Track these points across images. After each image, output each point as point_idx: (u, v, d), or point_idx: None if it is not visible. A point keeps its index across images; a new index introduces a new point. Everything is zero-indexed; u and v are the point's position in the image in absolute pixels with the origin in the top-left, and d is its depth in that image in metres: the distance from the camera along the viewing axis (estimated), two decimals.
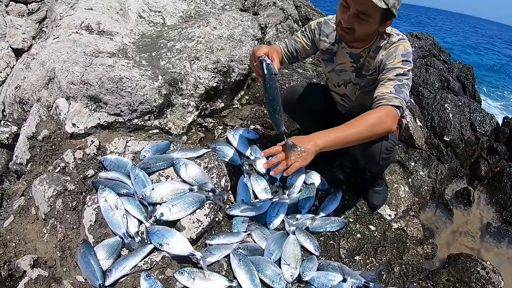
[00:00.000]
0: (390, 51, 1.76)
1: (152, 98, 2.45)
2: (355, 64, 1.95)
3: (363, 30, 1.72)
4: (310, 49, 2.12)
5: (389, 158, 1.93)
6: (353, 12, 1.64)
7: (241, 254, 1.82)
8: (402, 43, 1.76)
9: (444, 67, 4.40)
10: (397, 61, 1.72)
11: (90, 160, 2.19)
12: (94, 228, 1.88)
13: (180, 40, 2.90)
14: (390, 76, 1.70)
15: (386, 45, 1.79)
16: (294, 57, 2.17)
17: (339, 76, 2.08)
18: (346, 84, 2.08)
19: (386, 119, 1.62)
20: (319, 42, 2.06)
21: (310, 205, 2.22)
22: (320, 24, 2.05)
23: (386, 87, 1.68)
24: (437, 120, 3.53)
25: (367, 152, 1.84)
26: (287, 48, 2.13)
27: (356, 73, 1.98)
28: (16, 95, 2.79)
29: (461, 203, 3.23)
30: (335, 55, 2.02)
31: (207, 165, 2.16)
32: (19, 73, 2.93)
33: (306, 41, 2.09)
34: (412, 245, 2.25)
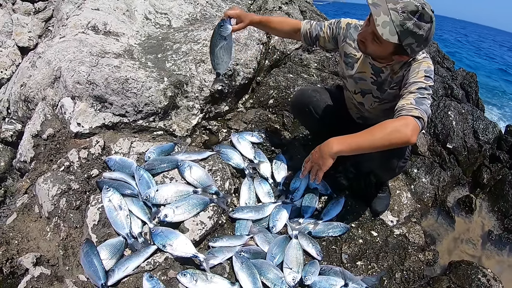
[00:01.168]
0: (413, 66, 1.76)
1: (157, 100, 2.47)
2: (375, 77, 1.94)
3: (374, 49, 1.73)
4: (329, 43, 2.09)
5: (405, 166, 1.94)
6: (369, 31, 1.66)
7: (243, 257, 1.83)
8: (426, 60, 1.76)
9: (448, 74, 4.42)
10: (420, 76, 1.71)
11: (95, 160, 2.20)
12: (97, 227, 1.89)
13: (186, 42, 2.92)
14: (412, 89, 1.68)
15: (410, 62, 1.79)
16: (312, 41, 2.14)
17: (356, 84, 2.05)
18: (364, 93, 2.05)
19: (405, 129, 1.57)
20: (343, 44, 2.03)
21: (313, 209, 2.24)
22: (350, 26, 2.01)
23: (407, 99, 1.66)
24: (440, 127, 3.53)
25: (386, 159, 1.85)
26: (310, 29, 2.10)
27: (377, 86, 1.96)
28: (21, 93, 2.81)
29: (463, 210, 3.22)
30: (356, 62, 2.00)
31: (212, 167, 2.18)
32: (24, 71, 2.95)
33: (330, 34, 2.06)
34: (414, 251, 2.25)
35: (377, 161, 1.95)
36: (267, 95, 3.04)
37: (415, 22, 1.55)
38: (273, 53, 3.33)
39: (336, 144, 1.65)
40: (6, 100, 3.12)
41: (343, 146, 1.64)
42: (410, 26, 1.55)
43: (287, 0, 3.79)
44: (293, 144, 2.69)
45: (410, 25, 1.55)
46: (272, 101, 3.01)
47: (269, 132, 2.74)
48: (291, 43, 3.41)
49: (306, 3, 4.43)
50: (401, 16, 1.54)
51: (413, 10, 1.53)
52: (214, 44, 1.92)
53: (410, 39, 1.58)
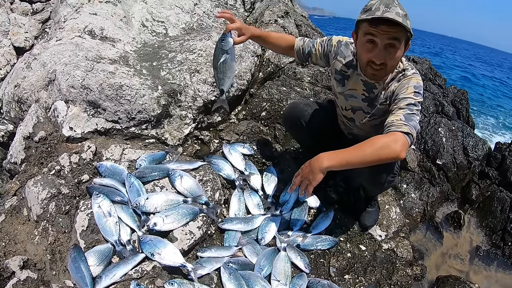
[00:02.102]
0: (403, 82, 1.79)
1: (150, 108, 2.48)
2: (367, 93, 1.95)
3: (393, 62, 1.75)
4: (321, 60, 2.13)
5: (394, 181, 1.96)
6: (383, 44, 1.67)
7: (231, 268, 1.84)
8: (415, 76, 1.79)
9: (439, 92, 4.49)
10: (409, 91, 1.73)
11: (86, 165, 2.20)
12: (86, 233, 1.88)
13: (182, 51, 2.94)
14: (401, 105, 1.71)
15: (400, 77, 1.82)
16: (305, 57, 2.18)
17: (347, 101, 2.07)
18: (354, 110, 2.07)
19: (395, 145, 1.59)
20: (334, 61, 2.05)
21: (302, 222, 2.25)
22: (341, 43, 2.04)
23: (396, 115, 1.69)
24: (431, 143, 3.59)
25: (375, 173, 1.87)
26: (303, 46, 2.14)
27: (368, 103, 1.98)
28: (15, 93, 2.79)
29: (451, 226, 3.26)
30: (347, 79, 2.01)
31: (202, 178, 2.18)
32: (19, 72, 2.93)
33: (321, 52, 2.09)
34: (402, 266, 2.27)
35: (366, 176, 1.98)
36: (260, 107, 3.06)
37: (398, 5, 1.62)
38: (267, 65, 3.36)
39: (326, 160, 1.67)
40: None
41: (333, 162, 1.66)
42: (401, 11, 1.61)
43: (283, 14, 3.82)
44: (284, 157, 2.71)
45: (400, 10, 1.61)
46: (265, 113, 3.03)
47: (261, 144, 2.75)
48: (285, 57, 3.44)
49: (301, 17, 4.48)
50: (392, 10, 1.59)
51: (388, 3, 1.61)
52: (216, 59, 1.90)
53: (408, 21, 1.64)
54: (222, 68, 1.90)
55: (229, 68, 1.91)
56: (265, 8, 3.93)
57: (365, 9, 1.70)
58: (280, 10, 3.86)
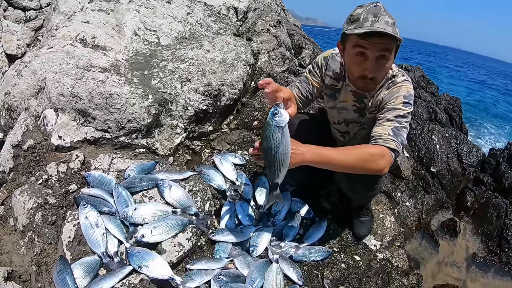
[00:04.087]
0: (392, 90, 1.72)
1: (141, 117, 2.43)
2: (357, 104, 1.89)
3: (383, 73, 1.69)
4: (321, 87, 2.03)
5: (375, 190, 1.90)
6: (374, 57, 1.60)
7: (222, 280, 1.77)
8: (405, 84, 1.72)
9: (432, 99, 4.47)
10: (399, 102, 1.67)
11: (74, 175, 2.14)
12: (72, 245, 1.82)
13: (173, 60, 2.90)
14: (390, 117, 1.65)
15: (389, 84, 1.75)
16: (308, 100, 2.08)
17: (339, 114, 2.01)
18: (347, 123, 2.01)
19: (379, 159, 1.56)
20: (325, 77, 1.99)
21: (295, 233, 2.19)
22: (327, 58, 1.97)
23: (384, 128, 1.63)
24: (424, 151, 3.55)
25: (354, 182, 1.82)
26: (300, 93, 2.05)
27: (359, 113, 1.92)
28: (5, 101, 2.75)
29: (447, 233, 3.22)
30: (338, 92, 1.95)
31: (192, 188, 2.12)
32: (10, 79, 2.89)
33: (317, 79, 2.01)
34: (397, 275, 2.22)
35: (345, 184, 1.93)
36: (251, 116, 3.01)
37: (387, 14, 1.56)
38: (260, 74, 3.32)
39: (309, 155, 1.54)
40: None
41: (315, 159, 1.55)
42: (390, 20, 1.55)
43: (275, 23, 3.78)
44: None
45: (389, 19, 1.55)
46: (257, 122, 2.99)
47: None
48: (278, 66, 3.40)
49: (294, 27, 4.45)
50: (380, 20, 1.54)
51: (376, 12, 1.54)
52: (270, 141, 1.46)
53: (397, 29, 1.57)
54: (278, 153, 1.46)
55: (286, 152, 1.48)
56: (257, 18, 3.90)
57: (351, 19, 1.61)
58: (273, 20, 3.82)
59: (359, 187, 1.84)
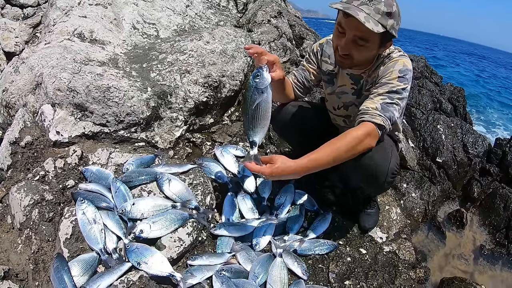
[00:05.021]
0: (388, 65, 1.64)
1: (139, 110, 2.35)
2: (355, 86, 1.82)
3: (361, 56, 1.60)
4: (318, 74, 1.98)
5: (393, 181, 1.82)
6: (350, 38, 1.52)
7: (224, 276, 1.69)
8: (402, 58, 1.64)
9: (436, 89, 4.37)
10: (393, 76, 1.59)
11: (71, 170, 2.07)
12: (70, 241, 1.75)
13: (172, 52, 2.81)
14: (381, 91, 1.59)
15: (385, 60, 1.67)
16: (305, 87, 2.03)
17: (339, 99, 1.94)
18: (347, 106, 1.94)
19: (366, 138, 1.53)
20: (321, 63, 1.93)
21: (299, 226, 2.11)
22: (322, 45, 1.91)
23: (373, 102, 1.58)
24: (430, 141, 3.45)
25: (373, 174, 1.72)
26: (297, 80, 2.00)
27: (357, 95, 1.85)
28: (3, 98, 2.69)
29: (453, 225, 3.13)
30: (335, 76, 1.89)
31: (192, 181, 2.04)
32: (7, 76, 2.82)
33: (313, 66, 1.96)
34: (404, 269, 2.14)
35: (363, 177, 1.81)
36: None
37: (384, 3, 1.46)
38: None
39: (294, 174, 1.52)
40: None
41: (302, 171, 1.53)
42: (384, 8, 1.45)
43: (276, 14, 3.69)
44: None
45: (383, 7, 1.45)
46: None
47: None
48: (279, 56, 3.32)
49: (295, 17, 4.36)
50: (371, 5, 1.45)
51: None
52: (249, 102, 1.52)
53: (390, 21, 1.48)
54: (256, 114, 1.51)
55: (265, 114, 1.53)
56: (258, 9, 3.81)
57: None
58: (273, 10, 3.73)
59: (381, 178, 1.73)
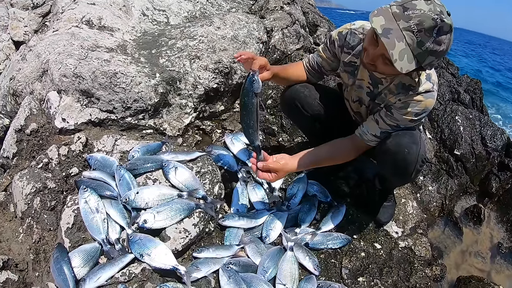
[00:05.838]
0: (407, 102, 1.52)
1: (147, 96, 2.24)
2: (371, 87, 1.68)
3: (387, 71, 1.44)
4: (332, 62, 1.85)
5: (421, 170, 1.70)
6: (378, 54, 1.36)
7: (231, 270, 1.58)
8: (426, 99, 1.50)
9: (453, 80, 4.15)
10: (407, 117, 1.55)
11: (75, 158, 1.98)
12: (71, 231, 1.67)
13: (182, 38, 2.69)
14: (388, 122, 1.60)
15: (408, 92, 1.52)
16: (318, 72, 1.92)
17: (355, 92, 1.81)
18: (361, 103, 1.81)
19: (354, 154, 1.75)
20: (341, 54, 1.78)
21: (311, 218, 1.99)
22: (342, 34, 1.74)
23: (374, 128, 1.64)
24: (447, 132, 3.26)
25: (401, 162, 1.59)
26: (309, 64, 1.91)
27: (370, 98, 1.71)
28: (10, 86, 2.62)
29: (470, 221, 2.95)
30: (357, 69, 1.74)
31: (200, 169, 1.92)
32: (15, 64, 2.75)
33: (330, 55, 1.83)
34: (420, 266, 2.00)
35: (391, 166, 1.66)
36: (265, 95, 2.80)
37: (434, 39, 1.24)
38: (273, 52, 3.09)
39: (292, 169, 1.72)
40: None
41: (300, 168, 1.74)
42: (429, 46, 1.25)
43: (289, 0, 3.54)
44: (291, 147, 2.44)
45: (430, 44, 1.25)
46: (271, 101, 2.77)
47: (266, 134, 2.50)
48: (292, 43, 3.17)
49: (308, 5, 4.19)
50: (417, 37, 1.24)
51: (431, 27, 1.22)
52: (247, 106, 1.53)
53: (430, 58, 1.30)
54: (255, 116, 1.55)
55: (259, 116, 1.57)
56: None
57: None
58: None
59: (411, 167, 1.61)
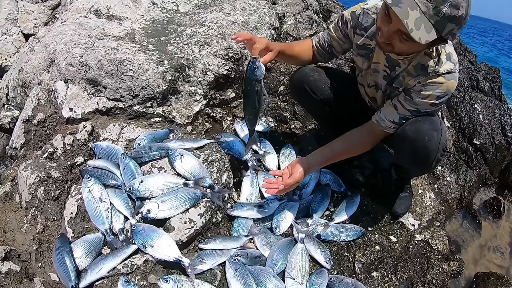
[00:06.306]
0: (427, 84, 1.41)
1: (155, 83, 2.14)
2: (388, 70, 1.56)
3: (404, 49, 1.33)
4: (345, 43, 1.74)
5: (441, 159, 1.61)
6: (393, 30, 1.25)
7: (238, 262, 1.48)
8: (447, 80, 1.39)
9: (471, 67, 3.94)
10: (428, 101, 1.44)
11: (80, 147, 1.90)
12: (75, 221, 1.60)
13: (191, 25, 2.59)
14: (407, 107, 1.49)
15: (428, 73, 1.40)
16: (328, 53, 1.81)
17: (371, 76, 1.69)
18: (377, 88, 1.68)
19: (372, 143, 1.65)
20: (354, 36, 1.66)
21: (324, 209, 1.88)
22: (355, 14, 1.63)
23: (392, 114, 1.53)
24: (466, 121, 3.08)
25: (421, 150, 1.48)
26: (319, 43, 1.79)
27: (387, 81, 1.59)
28: (19, 78, 2.57)
29: (490, 214, 2.78)
30: (372, 51, 1.62)
31: (208, 157, 1.82)
32: (23, 56, 2.71)
33: (341, 35, 1.72)
34: (437, 261, 1.87)
35: (409, 154, 1.55)
36: (277, 81, 2.68)
37: (450, 3, 1.13)
38: (286, 38, 2.97)
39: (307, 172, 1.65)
40: (5, 86, 2.89)
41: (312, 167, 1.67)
42: (446, 11, 1.14)
43: None
44: (304, 134, 2.33)
45: (446, 9, 1.14)
46: (283, 88, 2.65)
47: (278, 121, 2.38)
48: (305, 29, 3.03)
49: None
50: (431, 2, 1.13)
51: None
52: (250, 94, 1.50)
53: (450, 26, 1.18)
54: (257, 103, 1.52)
55: (262, 102, 1.54)
56: None
57: None
58: None
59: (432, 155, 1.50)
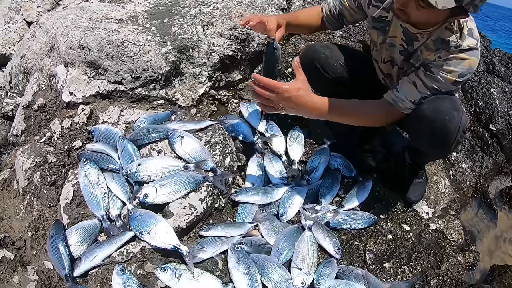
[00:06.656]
0: (449, 59, 1.30)
1: (157, 65, 2.04)
2: (406, 44, 1.46)
3: (421, 18, 1.24)
4: (356, 14, 1.65)
5: (461, 142, 1.51)
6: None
7: (241, 251, 1.37)
8: (470, 57, 1.29)
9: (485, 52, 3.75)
10: (450, 78, 1.31)
11: (78, 130, 1.81)
12: (71, 207, 1.51)
13: (195, 6, 2.48)
14: (428, 84, 1.35)
15: (450, 48, 1.30)
16: (338, 21, 1.72)
17: (386, 51, 1.58)
18: (393, 64, 1.58)
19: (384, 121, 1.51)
20: (369, 7, 1.57)
21: (333, 195, 1.76)
22: None
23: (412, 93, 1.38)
24: (482, 106, 2.90)
25: (441, 131, 1.36)
26: (330, 11, 1.70)
27: (404, 57, 1.49)
28: (21, 65, 2.51)
29: (506, 203, 2.63)
30: (388, 24, 1.51)
31: (210, 139, 1.70)
32: (25, 42, 2.65)
33: (352, 4, 1.63)
34: (452, 252, 1.76)
35: (427, 136, 1.42)
36: (285, 63, 2.56)
37: None
38: None
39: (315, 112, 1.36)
40: (8, 74, 2.84)
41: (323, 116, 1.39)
42: None
43: None
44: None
45: None
46: (291, 69, 2.52)
47: None
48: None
49: None
50: None
51: None
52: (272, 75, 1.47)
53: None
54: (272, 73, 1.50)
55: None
56: None
57: None
58: None
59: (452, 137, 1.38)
